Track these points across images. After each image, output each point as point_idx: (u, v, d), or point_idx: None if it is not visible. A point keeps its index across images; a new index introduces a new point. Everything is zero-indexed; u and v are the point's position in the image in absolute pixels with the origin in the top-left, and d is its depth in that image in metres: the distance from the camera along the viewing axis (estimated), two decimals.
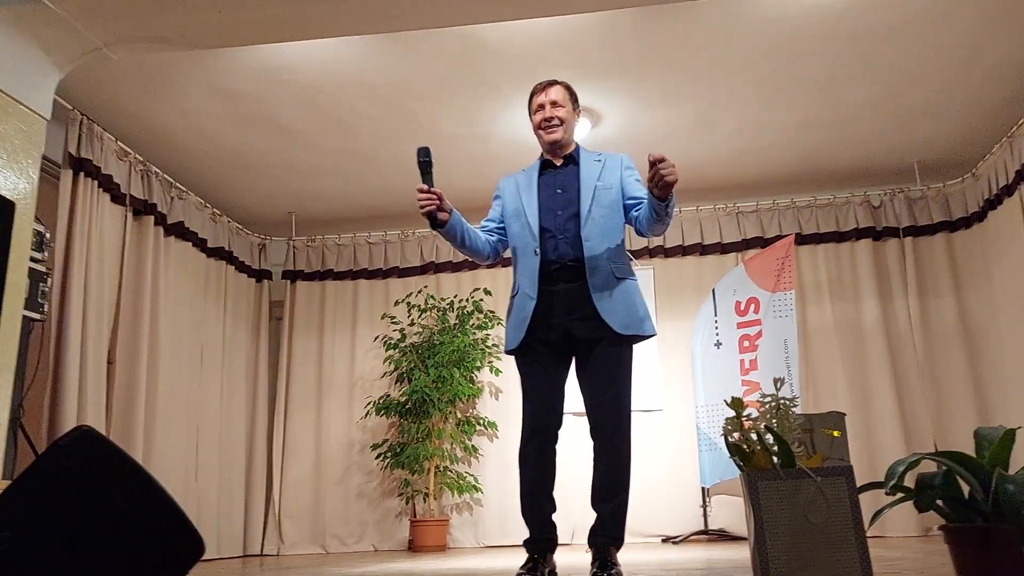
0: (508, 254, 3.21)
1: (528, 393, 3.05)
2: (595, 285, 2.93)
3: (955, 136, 5.50)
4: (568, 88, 3.20)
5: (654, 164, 2.68)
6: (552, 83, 3.17)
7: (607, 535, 2.91)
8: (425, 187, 2.91)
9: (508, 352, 3.09)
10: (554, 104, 3.12)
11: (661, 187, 2.72)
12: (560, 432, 3.06)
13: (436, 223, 2.98)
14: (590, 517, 2.95)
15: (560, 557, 3.08)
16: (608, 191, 3.05)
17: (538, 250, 3.00)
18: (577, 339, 2.96)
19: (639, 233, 3.05)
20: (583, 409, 3.00)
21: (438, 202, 2.92)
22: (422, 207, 2.93)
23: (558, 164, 3.17)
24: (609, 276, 2.95)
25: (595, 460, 2.98)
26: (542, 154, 3.22)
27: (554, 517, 3.06)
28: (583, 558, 3.03)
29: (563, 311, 2.96)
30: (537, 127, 3.16)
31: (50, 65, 3.42)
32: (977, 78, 4.75)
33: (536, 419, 3.01)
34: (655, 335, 3.04)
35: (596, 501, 2.96)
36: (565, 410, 3.07)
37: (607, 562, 2.83)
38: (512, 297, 3.10)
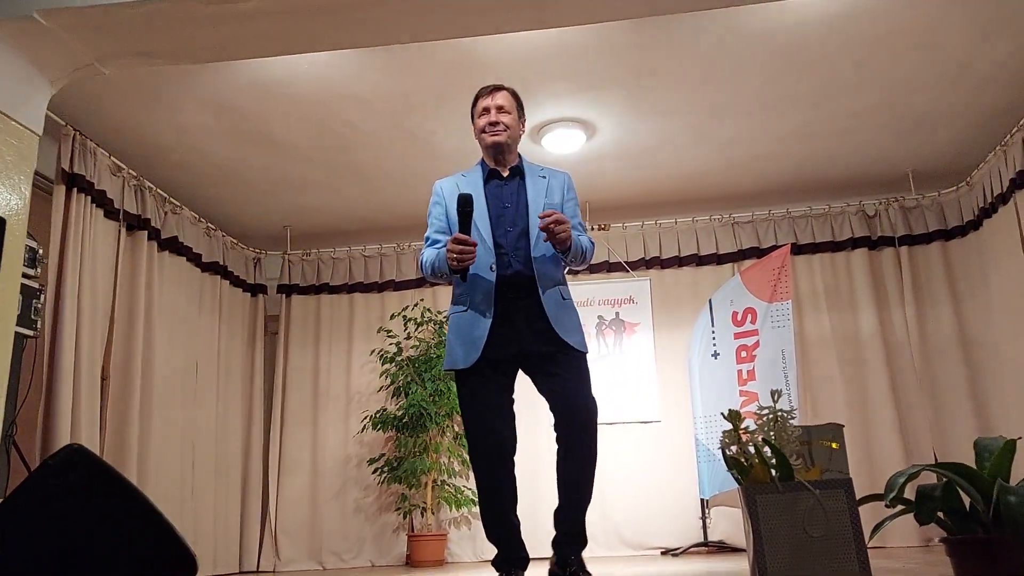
0: None
1: (481, 415, 2.96)
2: (548, 303, 2.92)
3: (949, 145, 5.51)
4: (515, 95, 3.19)
5: (545, 228, 2.77)
6: (498, 88, 3.16)
7: (578, 542, 2.90)
8: (466, 237, 2.84)
9: (455, 370, 2.98)
10: (500, 109, 3.10)
11: (558, 244, 2.82)
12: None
13: (465, 274, 2.90)
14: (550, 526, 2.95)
15: (532, 572, 3.04)
16: (554, 210, 3.02)
17: (494, 266, 2.95)
18: (532, 354, 2.93)
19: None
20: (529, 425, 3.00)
21: (474, 255, 2.86)
22: (463, 260, 2.82)
23: (504, 175, 3.12)
24: (557, 295, 2.97)
25: (561, 467, 2.93)
26: (482, 160, 3.18)
27: (522, 533, 3.02)
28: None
29: (519, 328, 2.93)
30: (480, 131, 3.13)
31: (42, 80, 3.41)
32: (970, 87, 4.76)
33: (491, 438, 2.95)
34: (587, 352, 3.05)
35: (566, 507, 2.92)
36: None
37: (581, 569, 2.81)
38: (458, 311, 3.01)
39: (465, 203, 2.82)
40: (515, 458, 3.00)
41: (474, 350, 2.89)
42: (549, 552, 2.98)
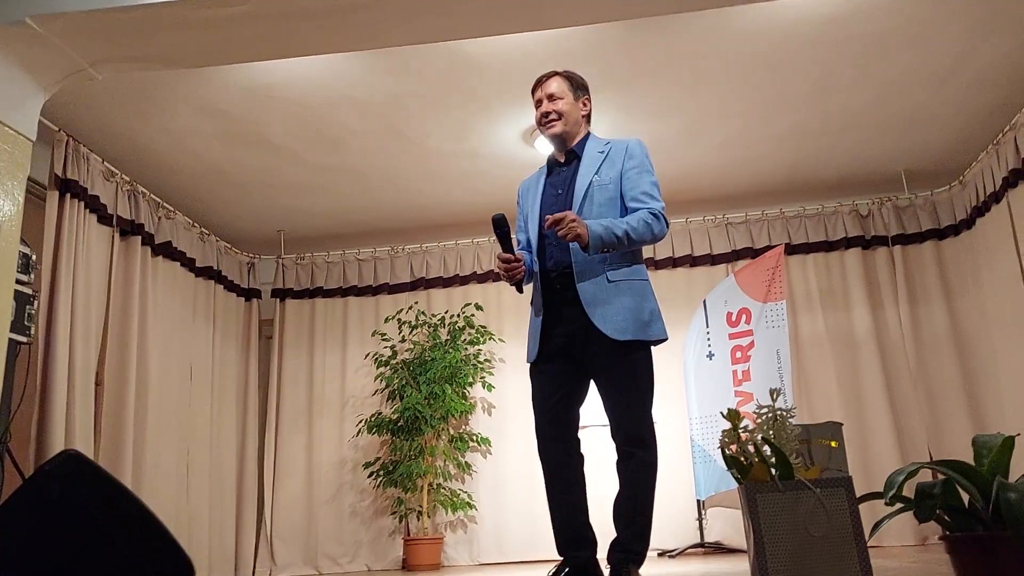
0: None
1: (534, 406, 2.98)
2: (585, 291, 2.81)
3: (942, 144, 5.53)
4: (568, 77, 3.07)
5: (551, 227, 2.72)
6: (551, 75, 3.06)
7: (625, 551, 2.86)
8: (509, 256, 2.85)
9: (527, 362, 3.04)
10: (551, 97, 3.01)
11: (573, 242, 2.73)
12: (582, 440, 3.00)
13: (521, 286, 2.94)
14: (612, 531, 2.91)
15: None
16: (604, 188, 2.90)
17: (537, 262, 2.96)
18: (580, 348, 2.87)
19: None
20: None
21: (522, 268, 2.88)
22: (512, 276, 2.87)
23: (562, 161, 3.07)
24: (600, 280, 2.82)
25: (618, 472, 2.92)
26: (553, 152, 3.13)
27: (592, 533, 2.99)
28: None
29: (564, 321, 2.88)
30: (537, 123, 3.07)
31: (35, 86, 3.40)
32: (963, 86, 4.78)
33: (540, 429, 2.94)
34: (663, 339, 2.91)
35: (616, 516, 2.91)
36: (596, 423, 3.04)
37: None
38: (532, 310, 3.05)
39: (498, 225, 2.81)
40: (582, 448, 2.99)
41: (534, 346, 2.95)
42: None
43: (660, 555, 5.63)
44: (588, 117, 3.12)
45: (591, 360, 2.87)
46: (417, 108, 4.79)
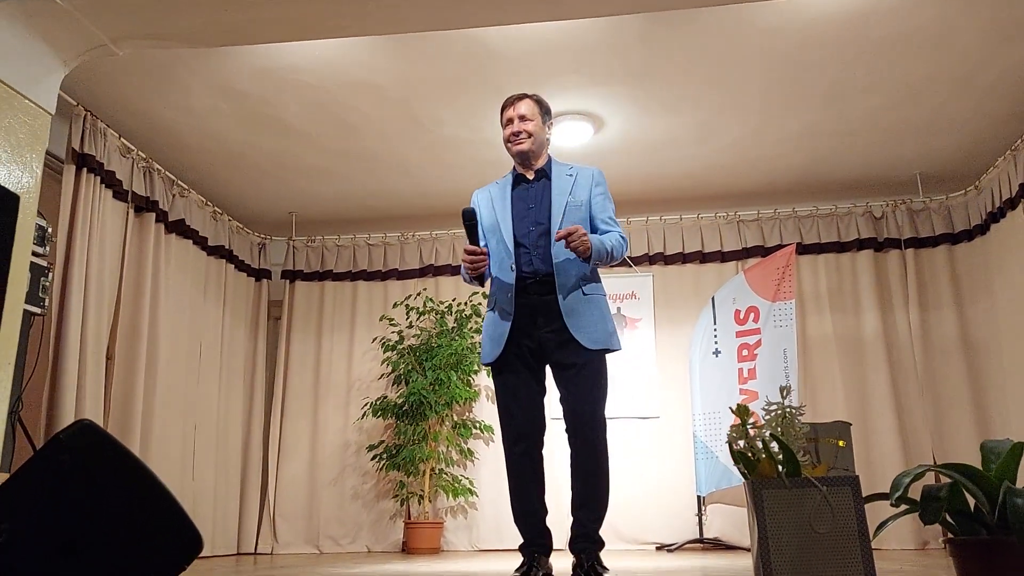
0: None
1: (508, 405, 3.15)
2: (564, 301, 3.05)
3: (958, 149, 5.50)
4: (538, 102, 3.31)
5: (563, 240, 2.92)
6: (521, 97, 3.28)
7: (589, 540, 3.01)
8: (475, 247, 3.04)
9: (485, 364, 3.21)
10: (522, 118, 3.23)
11: (578, 255, 2.96)
12: (546, 438, 3.17)
13: (481, 280, 3.11)
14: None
15: (553, 561, 3.13)
16: (578, 208, 3.16)
17: (513, 266, 3.10)
18: (550, 351, 3.08)
19: None
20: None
21: (486, 262, 3.06)
22: (476, 268, 3.04)
23: (530, 178, 3.26)
24: (578, 293, 3.07)
25: (572, 467, 3.08)
26: (514, 167, 3.31)
27: (548, 522, 3.14)
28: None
29: (537, 324, 3.08)
30: (506, 140, 3.27)
31: (55, 60, 3.41)
32: (981, 91, 4.76)
33: (516, 429, 3.12)
34: (619, 349, 3.17)
35: (576, 508, 3.06)
36: (549, 416, 3.19)
37: (596, 567, 2.93)
38: (489, 310, 3.21)
39: (467, 217, 3.06)
40: (544, 449, 3.17)
41: (498, 346, 3.10)
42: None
43: (658, 549, 5.66)
44: (548, 140, 3.37)
45: (557, 361, 3.10)
46: (433, 95, 4.79)
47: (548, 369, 3.20)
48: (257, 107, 4.89)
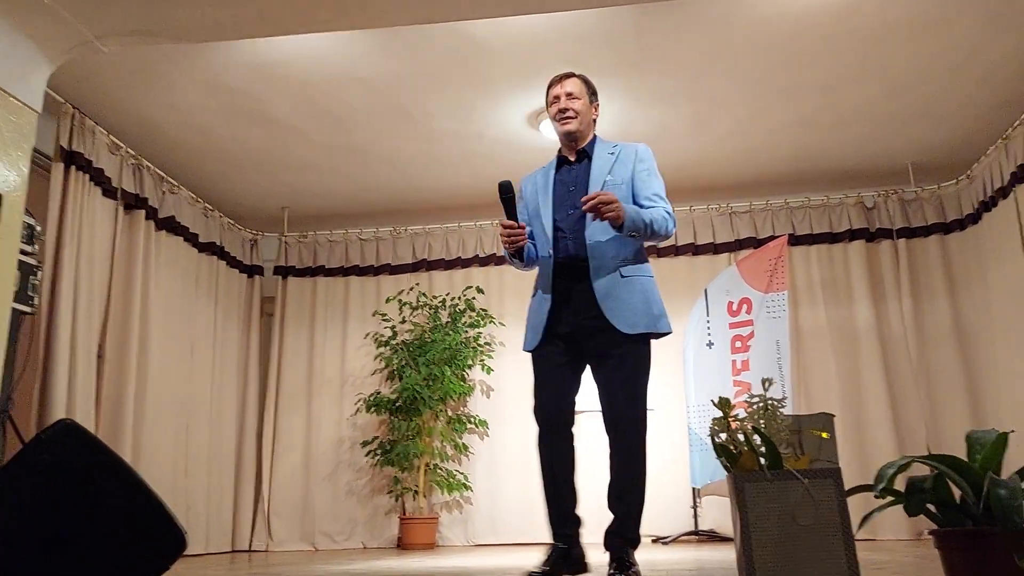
0: None
1: (536, 391, 3.04)
2: (599, 285, 2.90)
3: (950, 138, 5.50)
4: (585, 81, 3.19)
5: (588, 210, 2.77)
6: (569, 75, 3.16)
7: (622, 536, 2.96)
8: (512, 222, 2.90)
9: (526, 351, 3.09)
10: (569, 96, 3.10)
11: (610, 223, 2.79)
12: (575, 428, 3.06)
13: (521, 255, 2.98)
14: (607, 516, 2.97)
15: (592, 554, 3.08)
16: (617, 187, 2.98)
17: (551, 251, 3.00)
18: (587, 339, 2.95)
19: None
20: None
21: (524, 236, 2.92)
22: (513, 242, 2.91)
23: (572, 160, 3.15)
24: (615, 275, 2.92)
25: (610, 460, 3.03)
26: (559, 149, 3.20)
27: (579, 511, 3.08)
28: (603, 557, 3.05)
29: (573, 311, 2.95)
30: (553, 118, 3.15)
31: (41, 57, 3.39)
32: (972, 81, 4.75)
33: (541, 415, 3.02)
34: (669, 332, 3.03)
35: (611, 502, 3.02)
36: (588, 408, 3.10)
37: (624, 563, 2.86)
38: (532, 297, 3.11)
39: (502, 190, 2.88)
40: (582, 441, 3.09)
41: (536, 333, 2.99)
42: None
43: (654, 541, 5.66)
44: (595, 121, 3.23)
45: (594, 350, 2.96)
46: (422, 89, 4.77)
47: (587, 362, 3.07)
48: (245, 103, 4.87)
